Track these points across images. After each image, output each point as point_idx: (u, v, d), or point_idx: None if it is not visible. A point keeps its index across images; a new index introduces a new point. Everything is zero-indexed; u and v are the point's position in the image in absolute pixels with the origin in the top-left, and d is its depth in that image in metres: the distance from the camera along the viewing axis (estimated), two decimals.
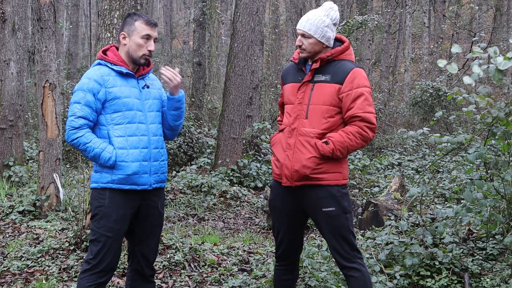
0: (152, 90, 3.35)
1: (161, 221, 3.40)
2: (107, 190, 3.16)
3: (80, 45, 29.65)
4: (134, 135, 3.18)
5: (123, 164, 3.13)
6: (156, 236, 3.38)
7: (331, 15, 3.21)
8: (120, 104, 3.16)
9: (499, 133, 3.82)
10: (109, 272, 3.20)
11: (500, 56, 3.29)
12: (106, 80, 3.17)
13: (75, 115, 3.12)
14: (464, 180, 7.93)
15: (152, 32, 3.23)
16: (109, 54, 3.28)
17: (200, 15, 16.19)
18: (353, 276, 3.16)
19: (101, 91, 3.15)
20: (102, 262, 3.14)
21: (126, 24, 3.25)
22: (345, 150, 3.10)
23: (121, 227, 3.17)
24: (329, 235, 3.18)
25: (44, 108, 6.80)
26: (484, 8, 25.39)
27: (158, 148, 3.29)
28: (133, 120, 3.19)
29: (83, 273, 3.18)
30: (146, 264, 3.36)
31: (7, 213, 6.70)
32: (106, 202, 3.15)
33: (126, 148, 3.15)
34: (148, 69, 3.34)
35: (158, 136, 3.30)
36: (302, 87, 3.22)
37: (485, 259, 4.32)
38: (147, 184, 3.21)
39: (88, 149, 3.11)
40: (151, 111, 3.28)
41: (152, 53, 3.26)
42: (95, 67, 3.26)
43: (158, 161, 3.27)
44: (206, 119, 15.65)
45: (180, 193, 8.27)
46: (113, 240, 3.16)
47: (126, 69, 3.23)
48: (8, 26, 9.29)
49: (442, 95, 13.94)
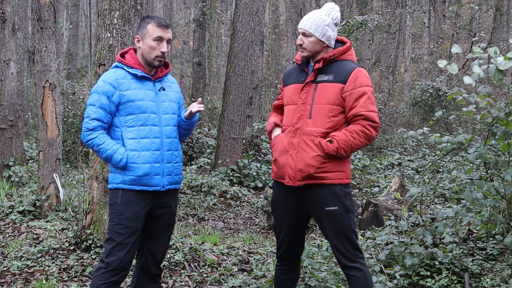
0: (169, 93, 3.40)
1: (173, 220, 3.45)
2: (120, 190, 3.24)
3: (80, 45, 29.65)
4: (146, 137, 3.24)
5: (134, 165, 3.20)
6: (167, 234, 3.42)
7: (332, 14, 3.25)
8: (133, 106, 3.23)
9: (499, 133, 3.82)
10: (121, 271, 3.22)
11: (500, 56, 3.29)
12: (121, 83, 3.24)
13: (90, 117, 3.21)
14: (464, 180, 7.94)
15: (164, 34, 3.27)
16: (127, 57, 3.34)
17: (200, 15, 16.19)
18: (355, 275, 3.16)
19: (116, 94, 3.22)
20: (114, 261, 3.18)
21: (140, 28, 3.32)
22: (349, 148, 3.12)
23: (135, 225, 3.21)
24: (332, 235, 3.18)
25: (44, 108, 6.80)
26: (484, 8, 25.39)
27: (172, 150, 3.33)
28: (146, 123, 3.24)
29: (97, 272, 3.23)
30: (153, 262, 3.39)
31: (7, 213, 6.70)
32: (119, 201, 3.23)
33: (138, 150, 3.21)
34: (166, 71, 3.40)
35: (172, 138, 3.35)
36: (305, 88, 3.24)
37: (485, 259, 4.32)
38: (159, 185, 3.26)
39: (101, 150, 3.20)
40: (166, 113, 3.33)
41: (165, 54, 3.29)
42: (112, 69, 3.33)
43: (171, 163, 3.32)
44: (206, 119, 15.64)
45: (180, 193, 8.27)
46: (126, 237, 3.19)
47: (142, 72, 3.28)
48: (8, 26, 9.29)
49: (442, 95, 13.94)
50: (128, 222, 3.20)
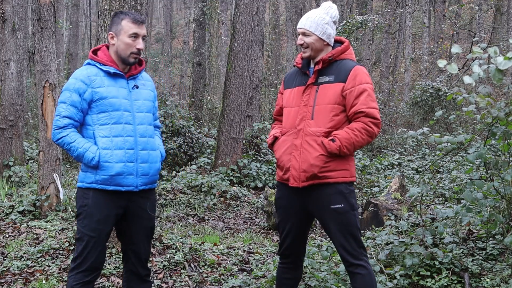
0: (143, 91, 3.31)
1: (151, 223, 3.35)
2: (91, 190, 3.15)
3: (80, 45, 29.64)
4: (119, 136, 3.15)
5: (107, 164, 3.11)
6: (147, 237, 3.35)
7: (331, 13, 3.27)
8: (106, 104, 3.14)
9: (499, 133, 3.82)
10: (94, 271, 3.18)
11: (500, 56, 3.29)
12: (93, 80, 3.16)
13: (60, 114, 3.13)
14: (464, 180, 7.94)
15: (139, 30, 3.19)
16: (99, 54, 3.26)
17: (200, 15, 16.19)
18: (360, 273, 3.16)
19: (87, 91, 3.14)
20: (86, 261, 3.14)
21: (113, 24, 3.23)
22: (351, 146, 3.12)
23: (104, 227, 3.16)
24: (337, 233, 3.18)
25: (44, 108, 6.80)
26: (484, 8, 25.39)
27: (147, 150, 3.24)
28: (120, 121, 3.16)
29: (71, 272, 3.19)
30: (139, 264, 3.34)
31: (7, 213, 6.70)
32: (90, 202, 3.14)
33: (111, 149, 3.13)
34: (140, 68, 3.31)
35: (146, 137, 3.26)
36: (307, 90, 3.25)
37: (485, 259, 4.32)
38: (132, 185, 3.18)
39: (72, 148, 3.12)
40: (140, 112, 3.25)
41: (141, 51, 3.22)
42: (83, 67, 3.25)
43: (147, 163, 3.23)
44: (206, 119, 15.66)
45: (180, 193, 8.27)
46: (96, 240, 3.14)
47: (115, 69, 3.20)
48: (8, 26, 9.29)
49: (442, 95, 13.94)
50: (98, 225, 3.13)
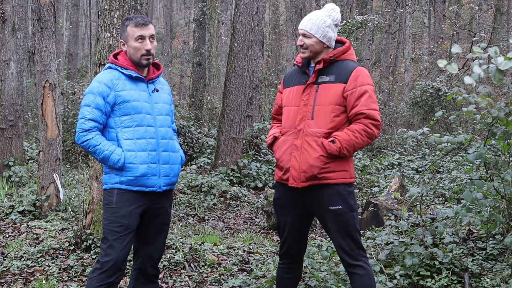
0: (162, 94, 3.40)
1: (168, 220, 3.43)
2: (115, 189, 3.22)
3: (80, 45, 29.65)
4: (142, 138, 3.23)
5: (132, 166, 3.19)
6: (162, 235, 3.41)
7: (333, 16, 3.26)
8: (129, 107, 3.22)
9: (499, 133, 3.82)
10: (117, 271, 3.20)
11: (500, 56, 3.29)
12: (116, 84, 3.23)
13: (85, 117, 3.18)
14: (464, 180, 7.93)
15: (144, 32, 3.25)
16: (119, 58, 3.33)
17: (200, 15, 16.19)
18: (358, 274, 3.17)
19: (111, 94, 3.21)
20: (109, 261, 3.17)
21: (122, 32, 3.32)
22: (351, 148, 3.13)
23: (129, 223, 3.19)
24: (336, 233, 3.19)
25: (44, 108, 6.80)
26: (484, 8, 25.39)
27: (168, 152, 3.32)
28: (142, 123, 3.23)
29: (93, 273, 3.22)
30: (150, 263, 3.38)
31: (7, 213, 6.70)
32: (114, 199, 3.21)
33: (135, 151, 3.20)
34: (158, 73, 3.40)
35: (167, 139, 3.34)
36: (307, 89, 3.25)
37: (485, 259, 4.32)
38: (156, 186, 3.25)
39: (98, 151, 3.17)
40: (160, 114, 3.33)
41: (150, 51, 3.27)
42: (106, 70, 3.32)
43: (168, 164, 3.31)
44: (206, 119, 15.65)
45: (180, 193, 8.27)
46: (121, 236, 3.17)
47: (136, 73, 3.28)
48: (8, 26, 9.29)
49: (442, 95, 13.94)
50: (123, 220, 3.18)
